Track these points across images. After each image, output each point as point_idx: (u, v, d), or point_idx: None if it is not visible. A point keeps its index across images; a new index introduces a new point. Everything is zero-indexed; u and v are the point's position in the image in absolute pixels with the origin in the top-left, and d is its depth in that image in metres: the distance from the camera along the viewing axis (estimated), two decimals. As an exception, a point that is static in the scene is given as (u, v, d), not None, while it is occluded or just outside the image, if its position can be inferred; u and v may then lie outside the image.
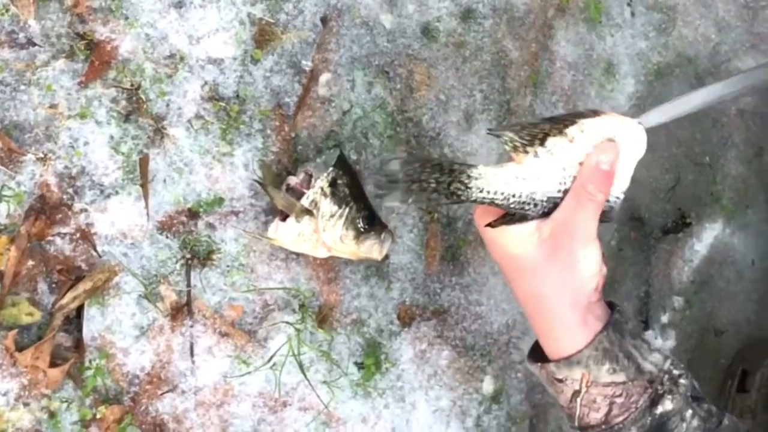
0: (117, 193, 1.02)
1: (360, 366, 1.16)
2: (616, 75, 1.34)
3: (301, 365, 1.10)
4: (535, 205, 0.88)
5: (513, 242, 0.90)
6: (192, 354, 1.06)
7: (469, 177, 0.86)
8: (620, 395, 0.88)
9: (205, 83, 1.06)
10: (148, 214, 1.04)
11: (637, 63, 1.35)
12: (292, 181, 1.08)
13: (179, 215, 1.05)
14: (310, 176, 1.07)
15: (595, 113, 0.86)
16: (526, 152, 0.87)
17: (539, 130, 0.86)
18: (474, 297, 1.24)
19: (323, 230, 1.06)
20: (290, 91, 1.12)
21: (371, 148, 1.17)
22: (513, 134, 0.87)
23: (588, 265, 0.88)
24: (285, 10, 1.11)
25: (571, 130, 0.86)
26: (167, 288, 1.04)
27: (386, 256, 1.13)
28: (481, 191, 0.87)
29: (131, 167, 1.02)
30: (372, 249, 1.08)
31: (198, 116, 1.06)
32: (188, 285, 1.06)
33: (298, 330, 1.10)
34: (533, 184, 0.87)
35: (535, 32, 1.28)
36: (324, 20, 1.14)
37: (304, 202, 1.05)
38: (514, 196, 0.87)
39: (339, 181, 1.07)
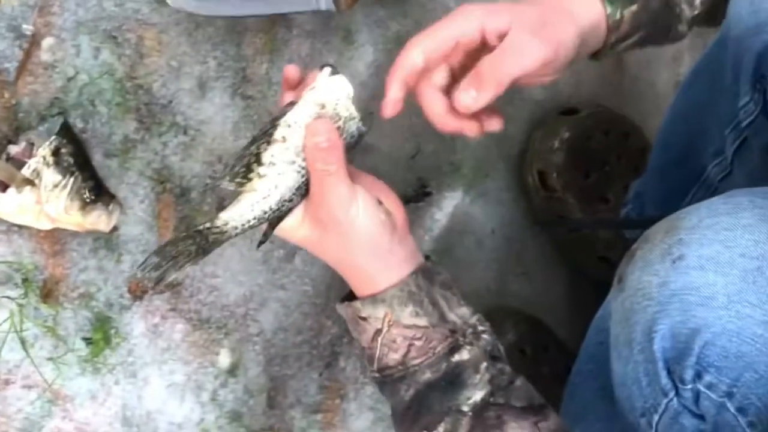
0: None
1: (88, 341, 1.27)
2: (354, 43, 1.50)
3: (23, 341, 1.20)
4: (290, 200, 1.03)
5: (292, 234, 1.05)
6: None
7: (218, 227, 1.01)
8: (420, 338, 1.03)
9: None
10: None
11: (376, 31, 1.52)
12: (13, 150, 1.17)
13: None
14: (32, 145, 1.17)
15: (291, 104, 1.02)
16: (251, 179, 1.01)
17: (248, 156, 1.00)
18: (210, 269, 1.37)
19: (46, 201, 1.16)
20: (10, 56, 1.20)
21: (99, 116, 1.27)
22: (228, 178, 1.01)
23: (366, 218, 1.03)
24: (4, -30, 1.20)
25: (277, 134, 1.01)
26: None
27: (115, 228, 1.23)
28: (237, 228, 1.02)
29: None
30: (99, 220, 1.19)
31: None
32: None
33: (20, 305, 1.20)
34: (276, 192, 1.02)
35: None
36: (46, -19, 1.23)
37: (25, 171, 1.15)
38: (266, 212, 1.02)
39: (63, 150, 1.17)
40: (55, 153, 1.16)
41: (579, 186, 1.67)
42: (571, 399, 1.33)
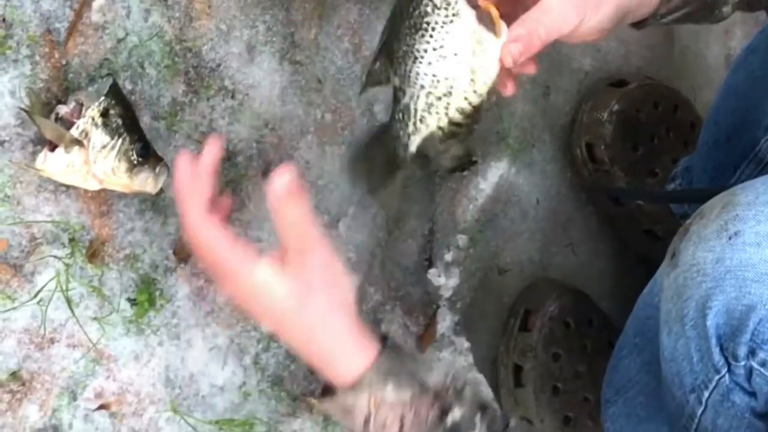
0: None
1: (133, 302, 1.28)
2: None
3: (69, 301, 1.22)
4: None
5: (269, 289, 1.04)
6: (-47, 289, 1.16)
7: None
8: (409, 411, 1.02)
9: (-32, 5, 1.15)
10: None
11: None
12: (62, 110, 1.18)
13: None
14: (81, 105, 1.18)
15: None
16: None
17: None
18: (254, 233, 1.38)
19: (94, 162, 1.17)
20: (61, 17, 1.21)
21: (147, 78, 1.28)
22: None
23: (343, 285, 1.04)
24: (56, -70, 1.20)
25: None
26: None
27: (161, 190, 1.24)
28: None
29: None
30: (146, 182, 1.20)
31: (-40, 39, 1.14)
32: (-51, 217, 1.15)
33: (67, 264, 1.21)
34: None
35: (320, -37, 1.42)
36: (98, -58, 1.24)
37: (74, 132, 1.16)
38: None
39: (111, 111, 1.18)
40: (104, 114, 1.17)
41: (627, 159, 1.66)
42: (615, 371, 1.33)
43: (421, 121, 1.05)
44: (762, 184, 1.00)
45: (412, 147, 1.09)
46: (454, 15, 1.01)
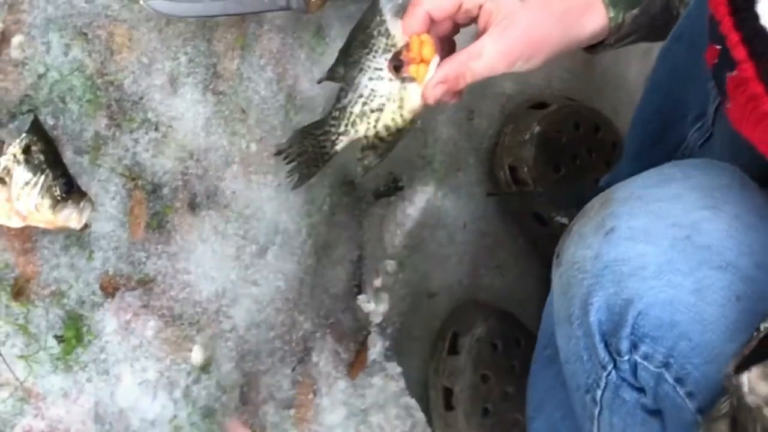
0: None
1: (60, 339, 1.28)
2: (326, 38, 1.52)
3: (-5, 339, 1.22)
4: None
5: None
6: None
7: None
8: None
9: None
10: None
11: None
12: (-17, 148, 1.18)
13: None
14: (3, 143, 1.18)
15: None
16: None
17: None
18: (182, 265, 1.39)
19: (17, 199, 1.17)
20: (-21, 54, 1.22)
21: (69, 113, 1.28)
22: None
23: None
24: (-28, -33, 1.21)
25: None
26: None
27: (86, 225, 1.25)
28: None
29: None
30: (70, 218, 1.21)
31: None
32: None
33: (-9, 303, 1.22)
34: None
35: (242, -7, 1.43)
36: (16, -22, 1.25)
37: (-4, 170, 1.17)
38: None
39: (33, 148, 1.18)
40: (26, 151, 1.18)
41: (549, 180, 1.70)
42: (532, 387, 1.35)
43: (352, 125, 1.18)
44: (638, 181, 1.04)
45: (338, 146, 1.22)
46: (392, 46, 1.14)
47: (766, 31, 0.80)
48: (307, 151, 1.24)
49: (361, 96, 1.17)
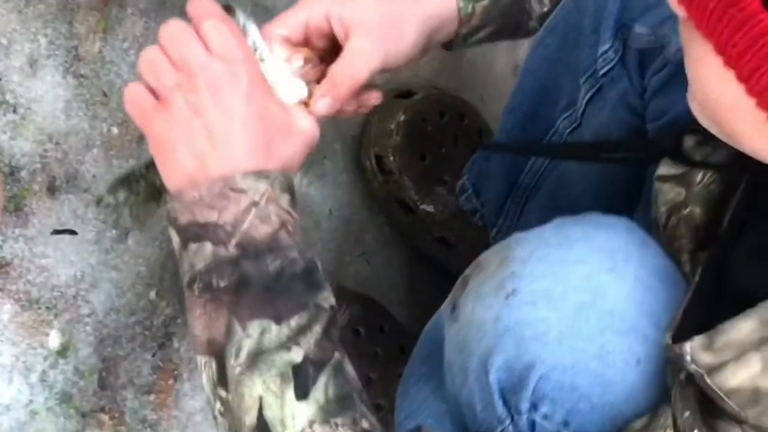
0: None
1: None
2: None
3: None
4: None
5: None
6: None
7: None
8: (292, 225, 1.00)
9: None
10: None
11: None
12: None
13: None
14: None
15: None
16: None
17: None
18: (39, 249, 1.38)
19: None
20: None
21: None
22: None
23: None
24: None
25: None
26: None
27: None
28: None
29: None
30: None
31: None
32: None
33: None
34: None
35: (105, -24, 1.44)
36: None
37: None
38: None
39: None
40: None
41: (416, 168, 1.74)
42: (404, 397, 1.36)
43: None
44: (536, 238, 1.06)
45: None
46: (261, 60, 1.10)
47: None
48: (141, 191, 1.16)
49: None
